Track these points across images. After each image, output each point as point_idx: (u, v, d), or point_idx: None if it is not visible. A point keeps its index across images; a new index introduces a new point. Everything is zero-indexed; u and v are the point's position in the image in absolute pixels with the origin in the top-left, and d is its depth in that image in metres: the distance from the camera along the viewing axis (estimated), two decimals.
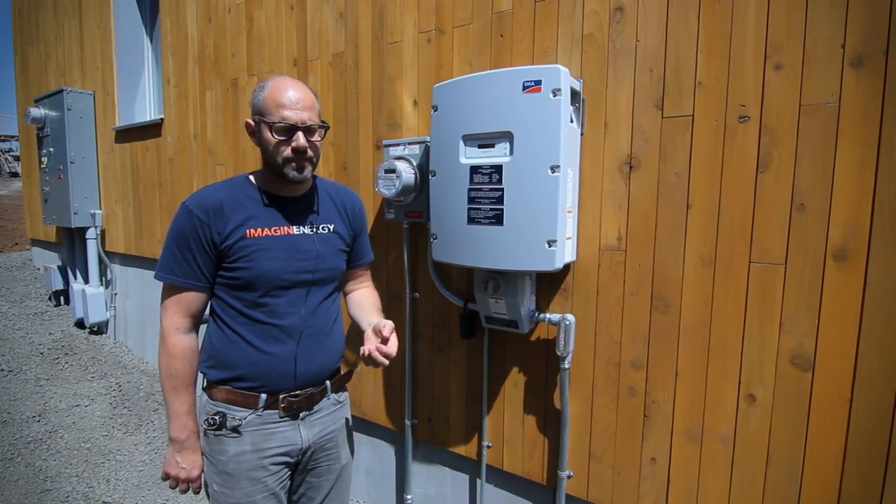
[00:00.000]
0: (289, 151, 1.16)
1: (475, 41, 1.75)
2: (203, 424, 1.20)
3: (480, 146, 1.47)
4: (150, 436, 2.95)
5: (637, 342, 1.49)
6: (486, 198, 1.45)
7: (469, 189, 1.48)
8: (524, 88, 1.37)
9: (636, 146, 1.46)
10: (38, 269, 5.72)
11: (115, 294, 4.23)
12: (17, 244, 7.76)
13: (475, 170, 1.47)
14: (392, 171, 1.74)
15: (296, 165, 1.18)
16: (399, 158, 1.80)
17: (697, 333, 1.39)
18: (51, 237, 5.21)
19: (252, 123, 1.21)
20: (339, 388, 1.37)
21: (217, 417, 1.18)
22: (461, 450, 1.94)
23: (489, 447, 1.84)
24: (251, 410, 1.19)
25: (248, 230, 1.17)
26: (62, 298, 4.90)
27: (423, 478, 2.11)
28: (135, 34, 3.91)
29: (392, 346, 1.17)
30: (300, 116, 1.16)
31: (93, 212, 4.19)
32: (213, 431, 1.18)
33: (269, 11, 2.51)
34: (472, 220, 1.48)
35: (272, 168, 1.20)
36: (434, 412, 2.01)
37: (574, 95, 1.47)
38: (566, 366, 1.56)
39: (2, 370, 3.57)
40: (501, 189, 1.42)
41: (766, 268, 1.28)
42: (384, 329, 1.17)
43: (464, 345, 1.89)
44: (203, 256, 1.15)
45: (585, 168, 1.55)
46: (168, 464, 1.18)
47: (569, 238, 1.49)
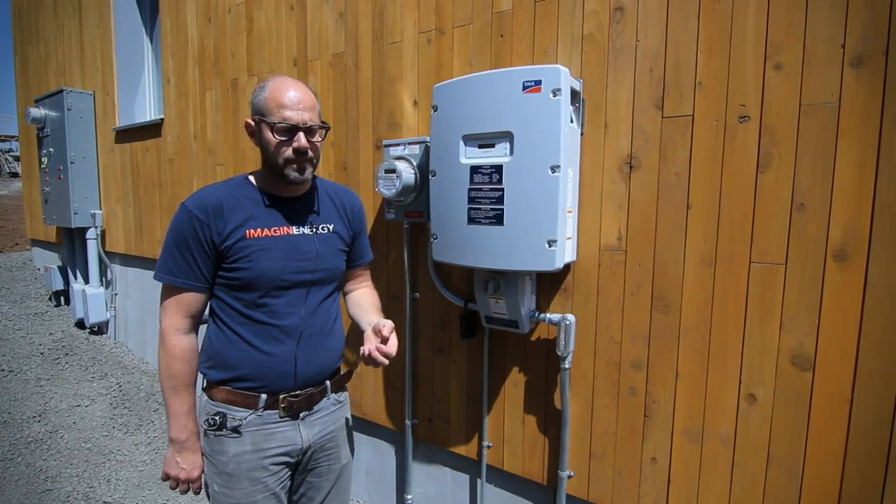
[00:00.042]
0: (290, 152, 1.16)
1: (475, 41, 1.75)
2: (203, 425, 1.20)
3: (480, 146, 1.47)
4: (151, 436, 2.95)
5: (637, 342, 1.49)
6: (487, 198, 1.45)
7: (469, 189, 1.48)
8: (524, 88, 1.36)
9: (636, 146, 1.46)
10: (39, 270, 5.73)
11: (116, 294, 4.23)
12: (18, 244, 7.77)
13: (475, 170, 1.47)
14: (392, 171, 1.74)
15: (297, 167, 1.18)
16: (399, 158, 1.80)
17: (698, 333, 1.39)
18: (51, 237, 5.21)
19: (252, 123, 1.21)
20: (339, 388, 1.37)
21: (217, 418, 1.18)
22: (461, 450, 1.94)
23: (489, 447, 1.84)
24: (251, 411, 1.19)
25: (248, 230, 1.17)
26: (62, 299, 4.91)
27: (424, 478, 2.11)
28: (135, 34, 3.91)
29: (392, 346, 1.17)
30: (301, 117, 1.15)
31: (93, 212, 4.19)
32: (214, 432, 1.18)
33: (269, 11, 2.51)
34: (473, 220, 1.48)
35: (272, 169, 1.20)
36: (434, 412, 2.01)
37: (574, 95, 1.47)
38: (566, 366, 1.56)
39: (2, 370, 3.57)
40: (501, 189, 1.42)
41: (767, 268, 1.28)
42: (384, 329, 1.17)
43: (464, 345, 1.89)
44: (203, 257, 1.15)
45: (585, 168, 1.55)
46: (168, 464, 1.19)
47: (569, 238, 1.49)
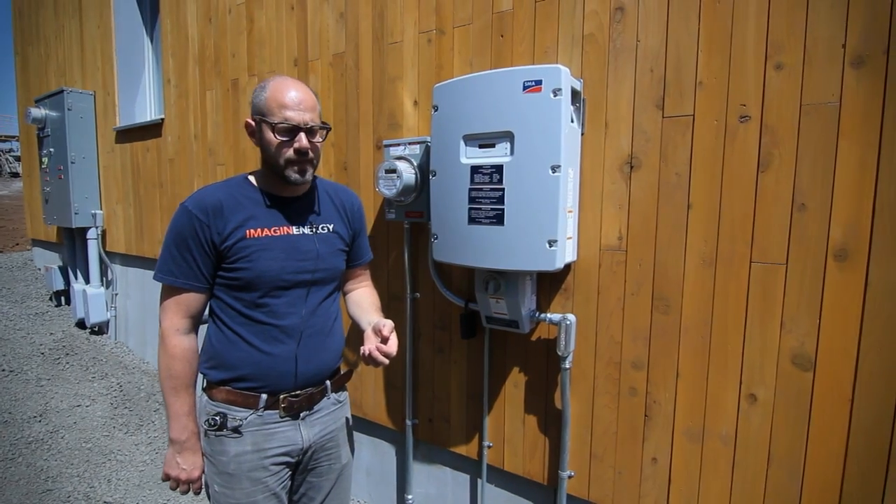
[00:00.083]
0: (291, 152, 1.16)
1: (476, 41, 1.75)
2: (203, 425, 1.19)
3: (481, 146, 1.47)
4: (151, 436, 2.95)
5: (638, 342, 1.49)
6: (487, 198, 1.45)
7: (470, 189, 1.48)
8: (525, 88, 1.36)
9: (637, 146, 1.46)
10: (39, 270, 5.73)
11: (116, 294, 4.24)
12: (18, 244, 7.77)
13: (476, 170, 1.47)
14: (393, 171, 1.74)
15: (298, 168, 1.18)
16: (400, 158, 1.80)
17: (698, 333, 1.39)
18: (51, 237, 5.21)
19: (252, 123, 1.20)
20: (339, 388, 1.37)
21: (218, 418, 1.18)
22: (462, 450, 1.94)
23: (490, 447, 1.84)
24: (252, 411, 1.19)
25: (248, 230, 1.17)
26: (63, 299, 4.91)
27: (424, 478, 2.11)
28: (135, 34, 3.91)
29: (392, 346, 1.17)
30: (303, 117, 1.15)
31: (93, 212, 4.19)
32: (214, 432, 1.18)
33: (270, 12, 2.51)
34: (473, 220, 1.48)
35: (273, 169, 1.20)
36: (435, 412, 2.01)
37: (574, 95, 1.47)
38: (567, 366, 1.56)
39: (3, 370, 3.57)
40: (502, 189, 1.42)
41: (767, 268, 1.28)
42: (384, 328, 1.17)
43: (464, 345, 1.89)
44: (202, 257, 1.15)
45: (586, 168, 1.55)
46: (168, 465, 1.18)
47: (569, 238, 1.49)
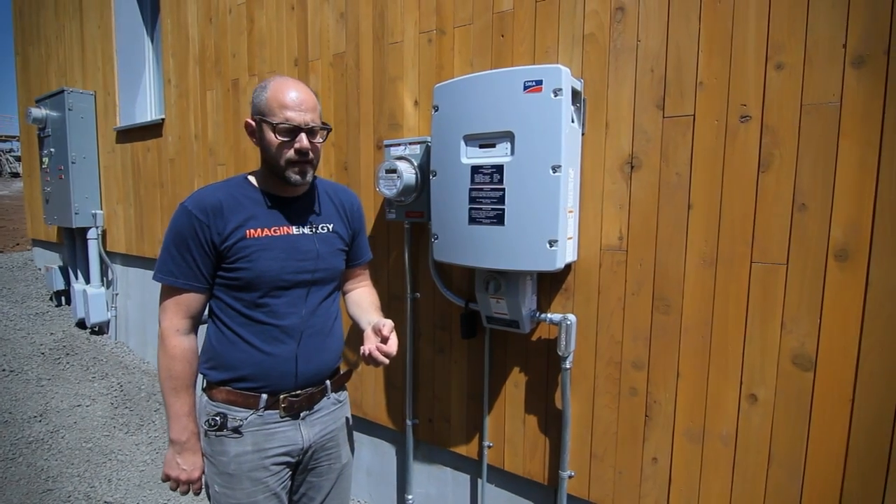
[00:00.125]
0: (292, 153, 1.16)
1: (476, 41, 1.75)
2: (204, 425, 1.19)
3: (481, 146, 1.47)
4: (152, 436, 2.95)
5: (638, 342, 1.49)
6: (488, 198, 1.45)
7: (470, 189, 1.48)
8: (525, 88, 1.36)
9: (637, 146, 1.46)
10: (40, 270, 5.73)
11: (117, 294, 4.24)
12: (19, 244, 7.78)
13: (476, 170, 1.47)
14: (393, 171, 1.74)
15: (298, 169, 1.18)
16: (400, 158, 1.80)
17: (699, 333, 1.39)
18: (52, 237, 5.21)
19: (252, 123, 1.20)
20: (339, 388, 1.37)
21: (218, 418, 1.17)
22: (462, 450, 1.94)
23: (490, 447, 1.84)
24: (252, 411, 1.19)
25: (248, 230, 1.17)
26: (63, 299, 4.91)
27: (424, 478, 2.11)
28: (136, 34, 3.91)
29: (392, 346, 1.17)
30: (303, 118, 1.15)
31: (94, 212, 4.20)
32: (214, 432, 1.18)
33: (270, 12, 2.51)
34: (474, 220, 1.48)
35: (273, 169, 1.19)
36: (435, 412, 2.01)
37: (575, 95, 1.47)
38: (567, 366, 1.56)
39: (3, 370, 3.57)
40: (502, 189, 1.42)
41: (768, 268, 1.28)
42: (384, 328, 1.17)
43: (465, 345, 1.89)
44: (202, 257, 1.15)
45: (586, 168, 1.55)
46: (168, 465, 1.18)
47: (570, 238, 1.49)
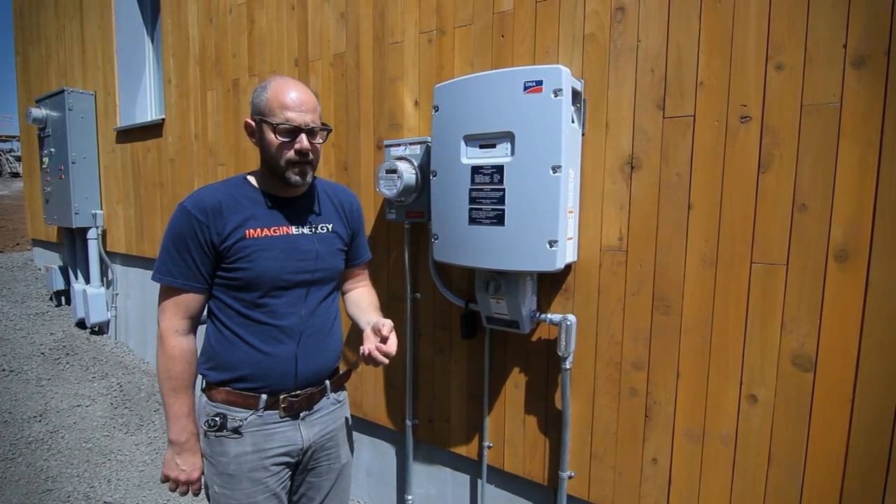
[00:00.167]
0: (292, 153, 1.16)
1: (476, 41, 1.75)
2: (203, 426, 1.19)
3: (482, 146, 1.47)
4: (151, 436, 2.95)
5: (638, 342, 1.49)
6: (488, 198, 1.45)
7: (470, 189, 1.48)
8: (525, 89, 1.36)
9: (637, 146, 1.45)
10: (40, 270, 5.73)
11: (116, 294, 4.24)
12: (19, 244, 7.78)
13: (476, 170, 1.47)
14: (393, 172, 1.74)
15: (298, 170, 1.18)
16: (400, 159, 1.80)
17: (699, 334, 1.39)
18: (52, 237, 5.21)
19: (252, 124, 1.20)
20: (339, 388, 1.37)
21: (217, 419, 1.17)
22: (462, 450, 1.93)
23: (490, 447, 1.84)
24: (252, 411, 1.19)
25: (248, 230, 1.16)
26: (63, 299, 4.91)
27: (424, 478, 2.11)
28: (136, 34, 3.92)
29: (392, 345, 1.17)
30: (304, 118, 1.15)
31: (94, 212, 4.20)
32: (214, 433, 1.18)
33: (271, 12, 2.51)
34: (474, 221, 1.48)
35: (272, 170, 1.19)
36: (435, 412, 2.01)
37: (575, 95, 1.46)
38: (567, 366, 1.56)
39: (3, 370, 3.57)
40: (503, 189, 1.42)
41: (768, 268, 1.28)
42: (383, 328, 1.17)
43: (465, 345, 1.89)
44: (202, 257, 1.15)
45: (587, 168, 1.55)
46: (167, 466, 1.18)
47: (570, 238, 1.49)
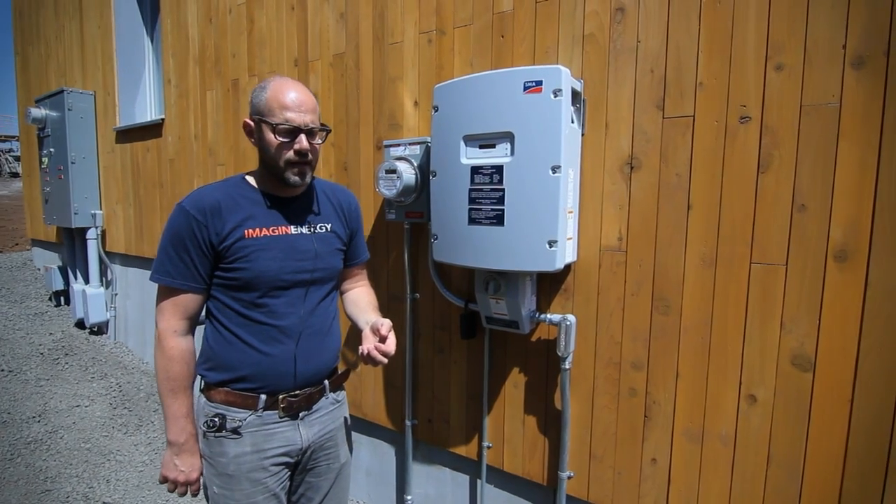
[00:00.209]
0: (291, 154, 1.16)
1: (476, 42, 1.75)
2: (202, 426, 1.19)
3: (481, 147, 1.47)
4: (151, 436, 2.94)
5: (638, 343, 1.49)
6: (487, 198, 1.45)
7: (470, 189, 1.48)
8: (525, 89, 1.36)
9: (637, 147, 1.46)
10: (39, 270, 5.73)
11: (116, 294, 4.23)
12: (18, 244, 7.77)
13: (476, 170, 1.47)
14: (393, 172, 1.74)
15: (297, 171, 1.18)
16: (400, 159, 1.80)
17: (698, 334, 1.39)
18: (51, 237, 5.21)
19: (251, 124, 1.20)
20: (337, 388, 1.37)
21: (216, 419, 1.17)
22: (461, 450, 1.93)
23: (489, 448, 1.84)
24: (251, 411, 1.19)
25: (246, 230, 1.16)
26: (62, 299, 4.90)
27: (424, 478, 2.11)
28: (135, 34, 3.91)
29: (391, 345, 1.17)
30: (304, 119, 1.15)
31: (93, 212, 4.19)
32: (213, 433, 1.18)
33: (270, 12, 2.51)
34: (473, 221, 1.48)
35: (271, 170, 1.19)
36: (434, 413, 2.01)
37: (575, 96, 1.47)
38: (567, 366, 1.56)
39: (2, 370, 3.56)
40: (502, 189, 1.42)
41: (767, 268, 1.28)
42: (382, 328, 1.17)
43: (464, 345, 1.89)
44: (200, 258, 1.14)
45: (586, 168, 1.55)
46: (166, 467, 1.18)
47: (569, 238, 1.49)
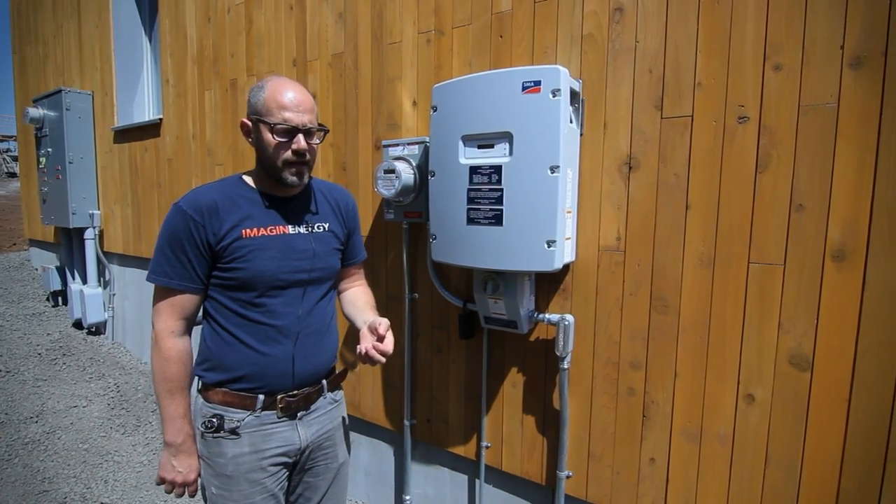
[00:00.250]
0: (289, 154, 1.16)
1: (475, 41, 1.75)
2: (200, 427, 1.19)
3: (480, 146, 1.47)
4: (149, 437, 2.94)
5: (636, 342, 1.49)
6: (486, 198, 1.45)
7: (468, 189, 1.48)
8: (524, 89, 1.36)
9: (635, 146, 1.46)
10: (36, 270, 5.71)
11: (114, 294, 4.22)
12: (16, 244, 7.75)
13: (474, 170, 1.47)
14: (391, 172, 1.74)
15: (295, 171, 1.18)
16: (398, 159, 1.80)
17: (696, 333, 1.39)
18: (49, 237, 5.19)
19: (248, 123, 1.20)
20: (335, 387, 1.37)
21: (215, 420, 1.17)
22: (460, 450, 1.93)
23: (488, 447, 1.84)
24: (249, 412, 1.18)
25: (244, 230, 1.16)
26: (60, 299, 4.89)
27: (422, 478, 2.11)
28: (133, 34, 3.90)
29: (388, 344, 1.17)
30: (302, 119, 1.15)
31: (91, 212, 4.18)
32: (211, 434, 1.18)
33: (269, 12, 2.51)
34: (472, 221, 1.48)
35: (269, 170, 1.19)
36: (433, 412, 2.01)
37: (573, 96, 1.47)
38: (565, 366, 1.56)
39: None
40: (501, 189, 1.42)
41: (765, 268, 1.29)
42: (380, 327, 1.16)
43: (463, 345, 1.89)
44: (197, 258, 1.14)
45: (585, 168, 1.55)
46: (163, 468, 1.17)
47: (568, 238, 1.49)
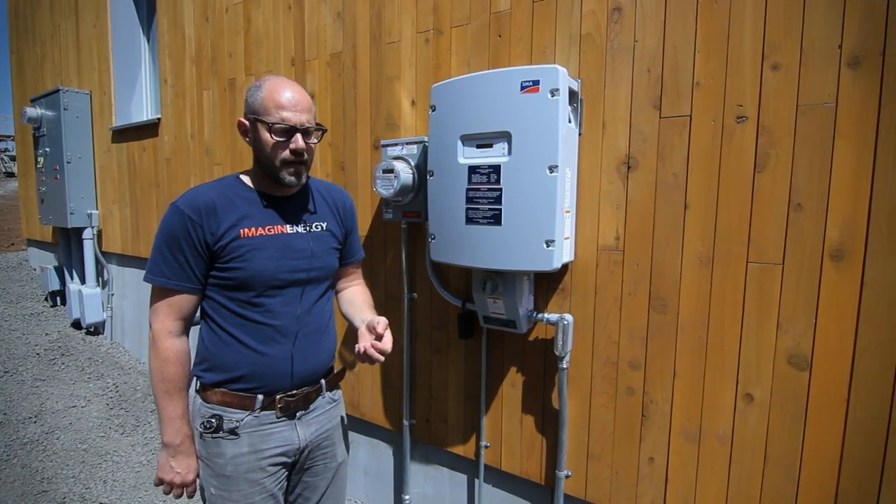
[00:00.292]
0: (287, 153, 1.15)
1: (473, 41, 1.75)
2: (199, 427, 1.18)
3: (479, 146, 1.47)
4: (147, 437, 2.94)
5: (635, 342, 1.49)
6: (485, 198, 1.45)
7: (467, 189, 1.48)
8: (522, 88, 1.36)
9: (634, 146, 1.46)
10: (35, 270, 5.70)
11: (112, 294, 4.22)
12: (14, 244, 7.73)
13: (473, 170, 1.47)
14: (390, 171, 1.74)
15: (293, 170, 1.17)
16: (397, 158, 1.80)
17: (695, 333, 1.39)
18: (47, 237, 5.18)
19: (246, 123, 1.19)
20: (334, 387, 1.37)
21: (213, 420, 1.17)
22: (459, 450, 1.93)
23: (487, 447, 1.84)
24: (248, 412, 1.18)
25: (242, 230, 1.16)
26: (58, 299, 4.89)
27: (421, 478, 2.11)
28: (131, 34, 3.90)
29: (387, 343, 1.16)
30: (300, 118, 1.15)
31: (89, 212, 4.17)
32: (210, 434, 1.17)
33: (267, 11, 2.50)
34: (471, 220, 1.48)
35: (267, 170, 1.19)
36: (432, 412, 2.01)
37: (572, 95, 1.47)
38: (564, 366, 1.56)
39: None
40: (499, 189, 1.42)
41: (764, 268, 1.29)
42: (378, 326, 1.16)
43: (462, 345, 1.89)
44: (195, 258, 1.14)
45: (583, 168, 1.55)
46: (162, 469, 1.17)
47: (567, 238, 1.49)
